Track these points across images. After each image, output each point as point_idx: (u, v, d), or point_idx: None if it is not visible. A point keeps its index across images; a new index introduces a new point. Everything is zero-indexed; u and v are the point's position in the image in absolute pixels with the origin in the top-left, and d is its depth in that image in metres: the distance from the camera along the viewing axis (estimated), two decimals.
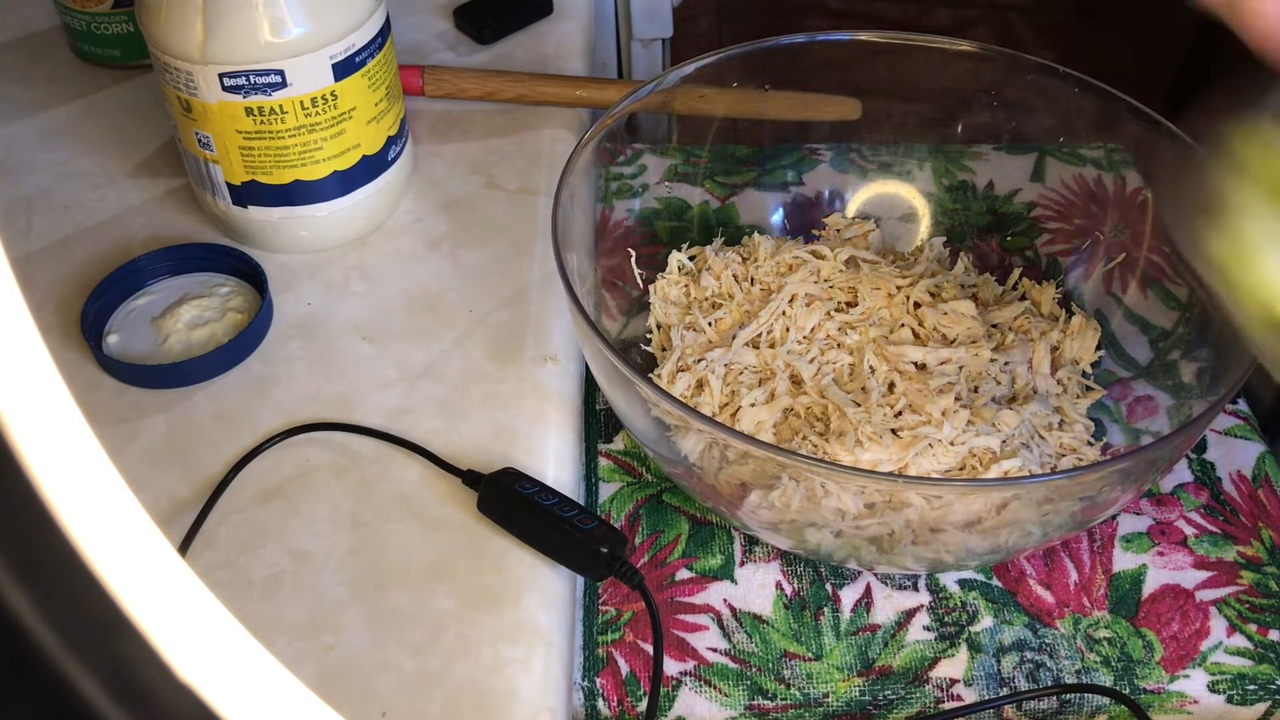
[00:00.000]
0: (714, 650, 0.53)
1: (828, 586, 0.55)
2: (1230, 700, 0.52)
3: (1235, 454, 0.61)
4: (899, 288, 0.61)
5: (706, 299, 0.63)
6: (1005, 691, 0.52)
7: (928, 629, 0.54)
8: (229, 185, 0.61)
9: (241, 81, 0.57)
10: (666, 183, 0.70)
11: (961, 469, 0.54)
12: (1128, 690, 0.52)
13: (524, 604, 0.49)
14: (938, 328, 0.60)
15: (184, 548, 0.51)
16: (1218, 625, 0.54)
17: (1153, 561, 0.56)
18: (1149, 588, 0.55)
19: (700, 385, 0.58)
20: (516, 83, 0.73)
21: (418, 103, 0.75)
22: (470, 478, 0.53)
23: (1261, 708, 0.52)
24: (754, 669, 0.53)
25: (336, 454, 0.55)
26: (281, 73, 0.57)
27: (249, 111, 0.58)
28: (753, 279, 0.63)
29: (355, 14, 0.58)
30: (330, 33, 0.57)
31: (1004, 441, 0.55)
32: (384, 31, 0.62)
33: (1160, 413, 0.58)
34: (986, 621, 0.54)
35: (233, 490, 0.53)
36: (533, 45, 0.79)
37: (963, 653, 0.53)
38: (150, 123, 0.74)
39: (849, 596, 0.55)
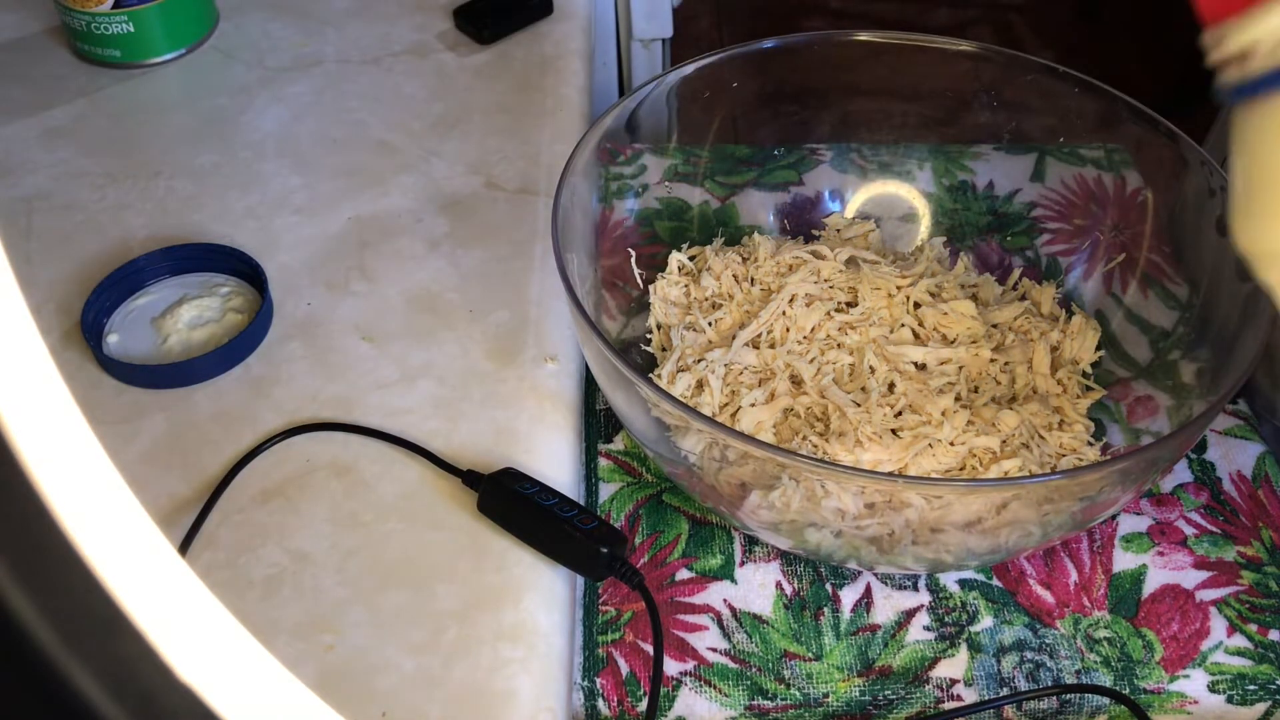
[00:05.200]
0: (714, 650, 0.53)
1: (828, 586, 0.55)
2: (1230, 700, 0.52)
3: (1235, 454, 0.61)
4: (899, 288, 0.61)
5: (706, 299, 0.63)
6: (1005, 691, 0.52)
7: (928, 629, 0.54)
8: None
9: None
10: (666, 183, 0.70)
11: (961, 469, 0.54)
12: (1128, 690, 0.52)
13: (524, 604, 0.49)
14: (938, 328, 0.60)
15: (184, 548, 0.51)
16: (1218, 625, 0.54)
17: (1153, 561, 0.56)
18: (1149, 588, 0.55)
19: (700, 385, 0.58)
20: None
21: (417, 102, 0.75)
22: (470, 478, 0.53)
23: (1261, 708, 0.52)
24: (754, 669, 0.53)
25: (336, 454, 0.55)
26: None
27: None
28: (753, 279, 0.63)
29: None
30: None
31: (1004, 441, 0.55)
32: None
33: (1160, 413, 0.58)
34: (986, 621, 0.54)
35: (233, 490, 0.53)
36: (533, 45, 0.79)
37: (963, 653, 0.53)
38: (151, 122, 0.74)
39: (849, 596, 0.55)
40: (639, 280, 0.65)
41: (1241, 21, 0.34)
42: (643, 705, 0.51)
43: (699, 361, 0.58)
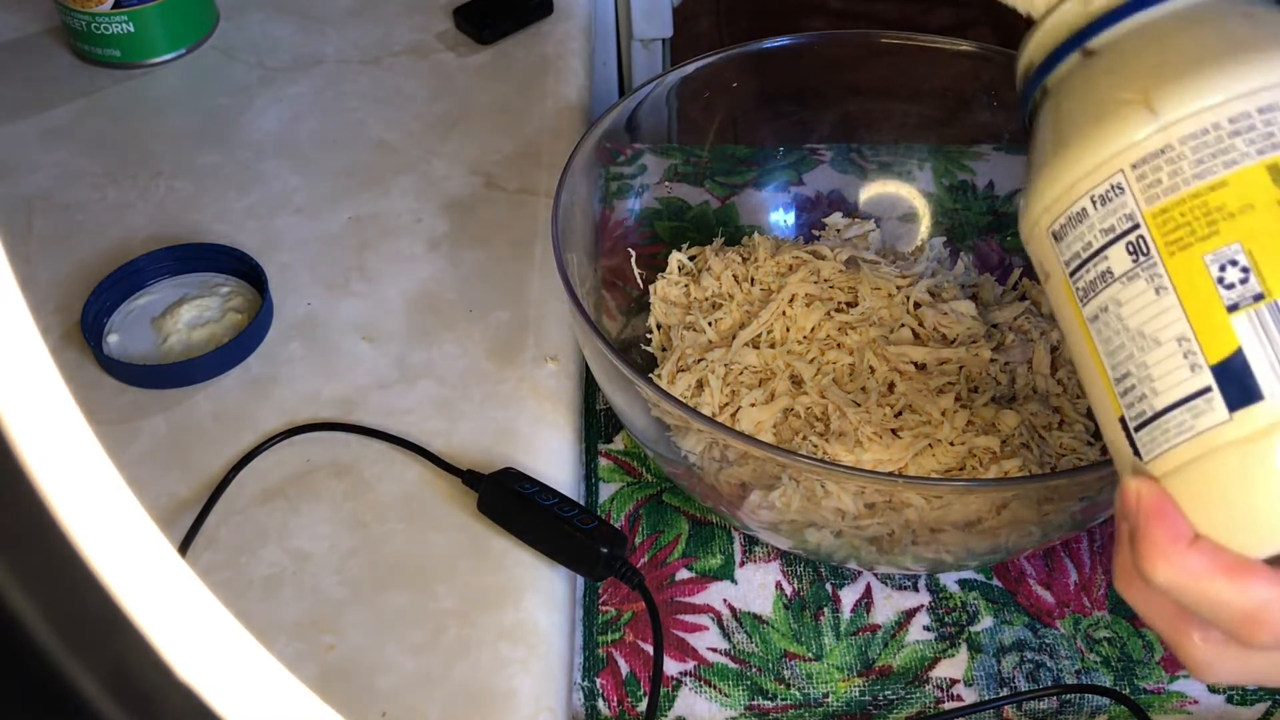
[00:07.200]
0: (714, 650, 0.53)
1: (828, 586, 0.55)
2: (1230, 700, 0.52)
3: None
4: (899, 288, 0.61)
5: (706, 299, 0.63)
6: (1005, 691, 0.52)
7: (928, 629, 0.54)
8: None
9: None
10: (666, 183, 0.70)
11: (961, 469, 0.54)
12: (1128, 690, 0.52)
13: (524, 604, 0.49)
14: (938, 328, 0.60)
15: (184, 548, 0.51)
16: None
17: None
18: None
19: (700, 385, 0.58)
20: None
21: (417, 102, 0.75)
22: (470, 478, 0.53)
23: (1261, 708, 0.52)
24: (754, 669, 0.53)
25: (336, 454, 0.55)
26: None
27: None
28: (753, 279, 0.63)
29: None
30: None
31: (1004, 441, 0.55)
32: None
33: None
34: (986, 621, 0.54)
35: (233, 490, 0.53)
36: (533, 45, 0.79)
37: (963, 653, 0.53)
38: (151, 122, 0.74)
39: (849, 596, 0.55)
40: (639, 280, 0.65)
41: (1021, 48, 0.40)
42: (643, 705, 0.51)
43: (699, 361, 0.58)
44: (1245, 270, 0.33)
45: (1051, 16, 0.39)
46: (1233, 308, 0.33)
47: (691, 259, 0.65)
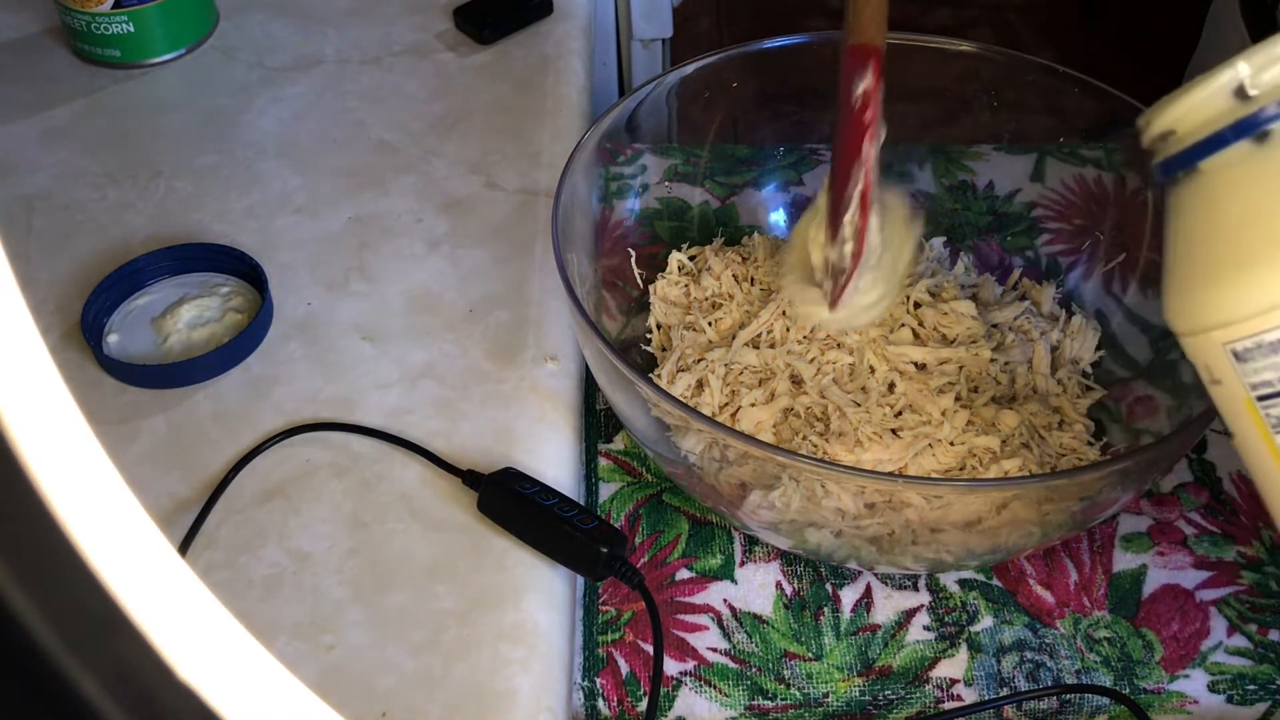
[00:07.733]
0: (714, 650, 0.53)
1: (828, 586, 0.55)
2: (1230, 700, 0.52)
3: (1235, 454, 0.61)
4: None
5: (706, 299, 0.63)
6: (1005, 691, 0.52)
7: (928, 629, 0.54)
8: None
9: None
10: (666, 183, 0.70)
11: (961, 469, 0.54)
12: (1128, 690, 0.52)
13: (524, 604, 0.49)
14: (938, 328, 0.60)
15: (184, 548, 0.51)
16: (1218, 625, 0.54)
17: (1153, 561, 0.56)
18: (1149, 588, 0.55)
19: (700, 385, 0.58)
20: None
21: (417, 102, 0.75)
22: (470, 478, 0.53)
23: (1261, 708, 0.52)
24: (754, 669, 0.53)
25: (336, 454, 0.55)
26: None
27: None
28: (753, 279, 0.63)
29: None
30: None
31: (1004, 441, 0.55)
32: None
33: (1160, 413, 0.58)
34: (986, 621, 0.54)
35: (233, 490, 0.53)
36: (533, 45, 0.79)
37: (963, 653, 0.53)
38: (151, 122, 0.74)
39: (849, 596, 0.55)
40: (639, 280, 0.65)
41: (1162, 105, 0.34)
42: (643, 705, 0.51)
43: (699, 361, 0.58)
44: None
45: (1209, 83, 0.32)
46: None
47: (691, 259, 0.65)
